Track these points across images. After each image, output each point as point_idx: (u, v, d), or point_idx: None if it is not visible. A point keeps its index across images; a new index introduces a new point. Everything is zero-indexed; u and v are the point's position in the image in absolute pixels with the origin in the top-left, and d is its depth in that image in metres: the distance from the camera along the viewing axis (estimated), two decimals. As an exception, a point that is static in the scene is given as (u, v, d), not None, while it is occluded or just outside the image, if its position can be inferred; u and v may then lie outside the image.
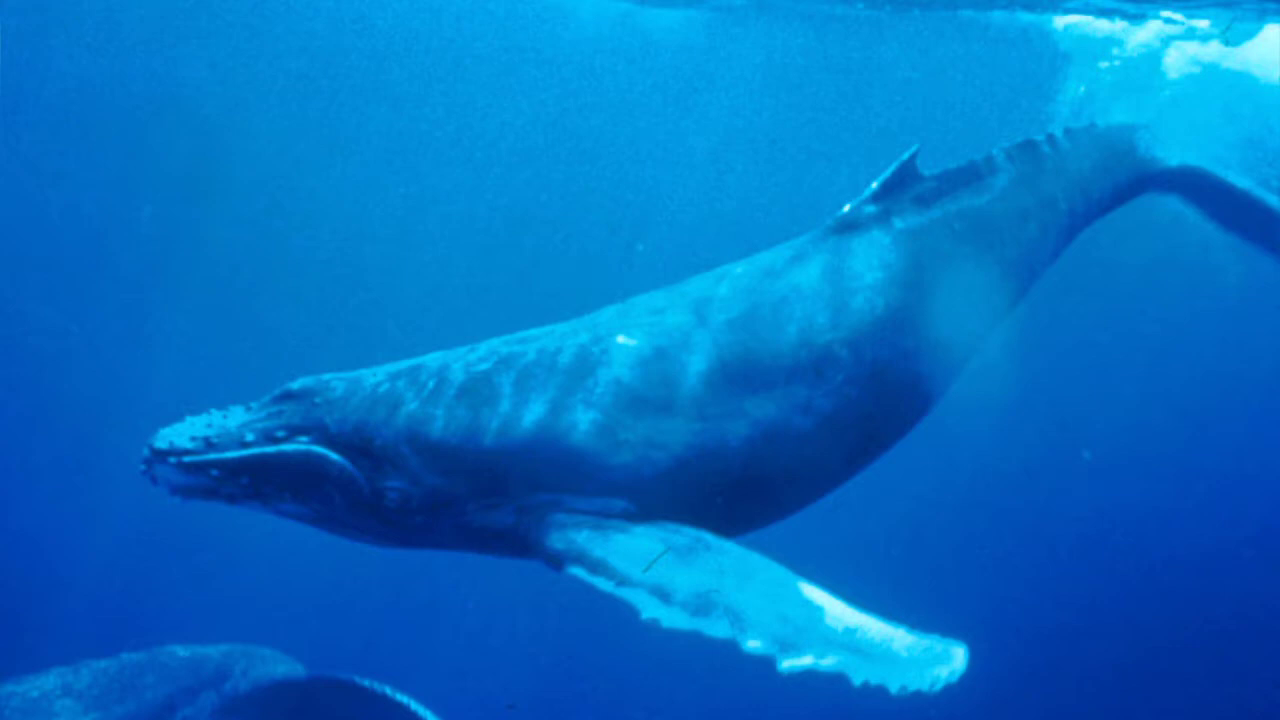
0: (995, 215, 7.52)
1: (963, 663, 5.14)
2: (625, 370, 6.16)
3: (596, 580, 5.53)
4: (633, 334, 6.35)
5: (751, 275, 6.77)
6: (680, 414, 6.10)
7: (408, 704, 8.14)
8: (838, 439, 6.49)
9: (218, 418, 6.13)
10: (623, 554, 5.60)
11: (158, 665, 8.24)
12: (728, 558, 5.63)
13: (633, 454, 5.98)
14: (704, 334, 6.36)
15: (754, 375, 6.29)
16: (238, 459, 5.91)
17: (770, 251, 7.04)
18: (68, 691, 7.90)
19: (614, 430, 5.99)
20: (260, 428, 6.02)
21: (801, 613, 5.30)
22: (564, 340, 6.35)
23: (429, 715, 8.15)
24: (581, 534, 5.76)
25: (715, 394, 6.18)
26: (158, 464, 5.96)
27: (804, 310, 6.55)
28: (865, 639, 5.19)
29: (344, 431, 5.99)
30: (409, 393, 6.09)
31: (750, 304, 6.55)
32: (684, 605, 5.31)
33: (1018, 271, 7.65)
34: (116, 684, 8.03)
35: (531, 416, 6.00)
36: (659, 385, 6.15)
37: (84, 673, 8.07)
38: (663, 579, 5.43)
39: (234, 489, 5.99)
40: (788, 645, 5.15)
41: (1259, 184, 9.66)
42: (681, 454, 6.03)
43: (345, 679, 8.33)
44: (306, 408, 6.08)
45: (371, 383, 6.20)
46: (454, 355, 6.36)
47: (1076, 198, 8.16)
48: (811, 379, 6.39)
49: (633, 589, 5.41)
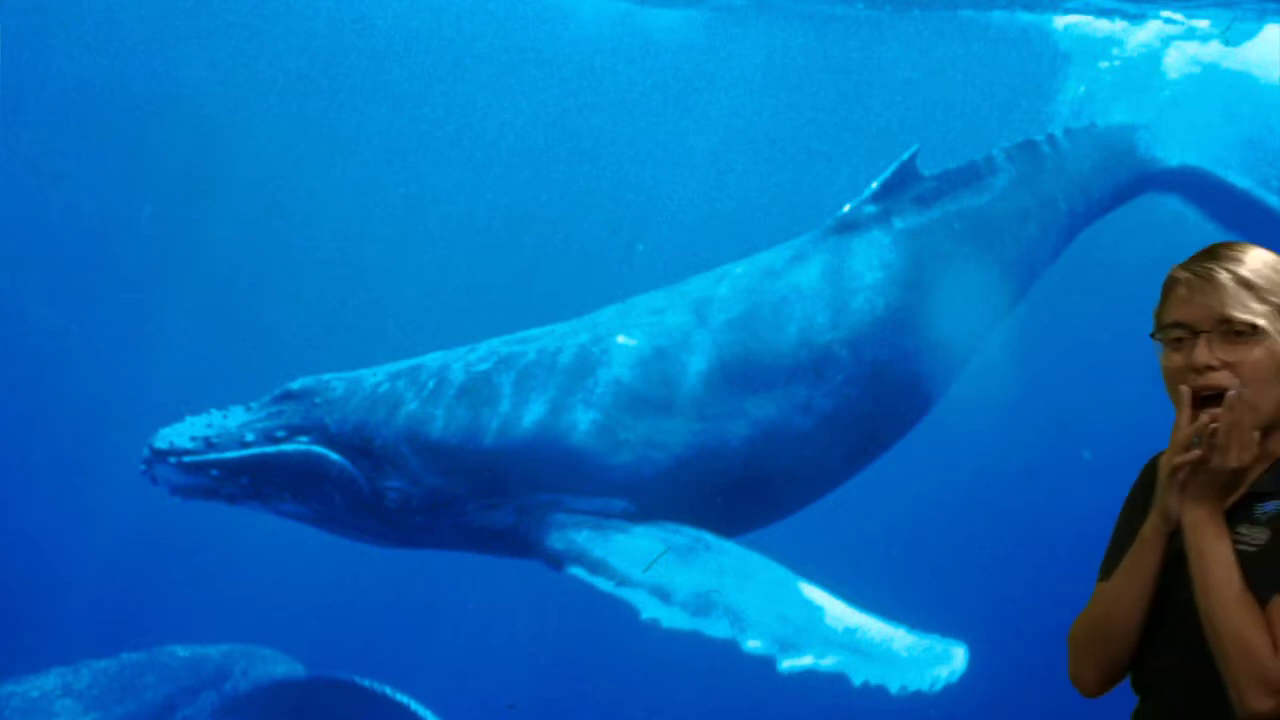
0: (995, 215, 7.53)
1: (963, 663, 5.15)
2: (625, 370, 6.16)
3: (596, 580, 5.53)
4: (633, 334, 6.36)
5: (751, 275, 6.77)
6: (680, 414, 6.10)
7: (408, 704, 8.14)
8: (838, 439, 6.49)
9: (218, 418, 6.13)
10: (623, 554, 5.60)
11: (158, 665, 8.23)
12: (728, 558, 5.63)
13: (633, 454, 5.98)
14: (704, 334, 6.36)
15: (754, 375, 6.30)
16: (238, 459, 5.91)
17: (770, 251, 7.04)
18: (68, 691, 7.90)
19: (614, 430, 6.00)
20: (260, 428, 6.02)
21: (801, 613, 5.31)
22: (564, 340, 6.35)
23: (429, 715, 8.14)
24: (581, 534, 5.76)
25: (715, 394, 6.18)
26: (158, 464, 5.96)
27: (804, 310, 6.55)
28: (865, 639, 5.19)
29: (344, 431, 5.99)
30: (409, 393, 6.09)
31: (750, 304, 6.55)
32: (684, 605, 5.32)
33: (1018, 271, 7.65)
34: (116, 684, 8.03)
35: (531, 416, 6.00)
36: (659, 385, 6.15)
37: (84, 673, 8.07)
38: (663, 579, 5.43)
39: (234, 489, 5.99)
40: (788, 645, 5.15)
41: (1259, 184, 9.66)
42: (681, 454, 6.03)
43: (345, 679, 8.32)
44: (306, 408, 6.08)
45: (371, 383, 6.20)
46: (454, 355, 6.36)
47: (1076, 198, 8.16)
48: (811, 379, 6.39)
49: (633, 589, 5.42)
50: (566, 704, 12.38)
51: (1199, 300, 2.40)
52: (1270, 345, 2.40)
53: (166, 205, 16.71)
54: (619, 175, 18.72)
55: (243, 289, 16.70)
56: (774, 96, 17.39)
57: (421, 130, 18.24)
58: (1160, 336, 2.46)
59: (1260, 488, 2.42)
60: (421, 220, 18.22)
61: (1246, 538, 2.38)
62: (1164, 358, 2.45)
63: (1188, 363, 2.40)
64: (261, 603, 12.15)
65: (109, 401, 14.16)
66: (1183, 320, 2.42)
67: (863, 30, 14.88)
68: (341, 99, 17.74)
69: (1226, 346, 2.38)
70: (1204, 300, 2.40)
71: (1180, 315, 2.42)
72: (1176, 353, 2.42)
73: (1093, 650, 2.49)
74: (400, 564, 9.13)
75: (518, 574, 7.00)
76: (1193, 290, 2.42)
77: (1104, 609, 2.47)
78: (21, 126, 16.18)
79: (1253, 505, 2.41)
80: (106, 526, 13.38)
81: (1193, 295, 2.41)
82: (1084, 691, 2.53)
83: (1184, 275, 2.45)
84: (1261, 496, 2.41)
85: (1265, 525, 2.38)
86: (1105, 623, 2.46)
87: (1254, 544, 2.37)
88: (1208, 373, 2.38)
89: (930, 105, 16.38)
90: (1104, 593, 2.48)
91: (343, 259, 17.48)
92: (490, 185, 18.51)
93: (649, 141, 18.46)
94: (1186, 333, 2.41)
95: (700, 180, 18.20)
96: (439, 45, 17.42)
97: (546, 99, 18.08)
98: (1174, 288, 2.46)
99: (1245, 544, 2.37)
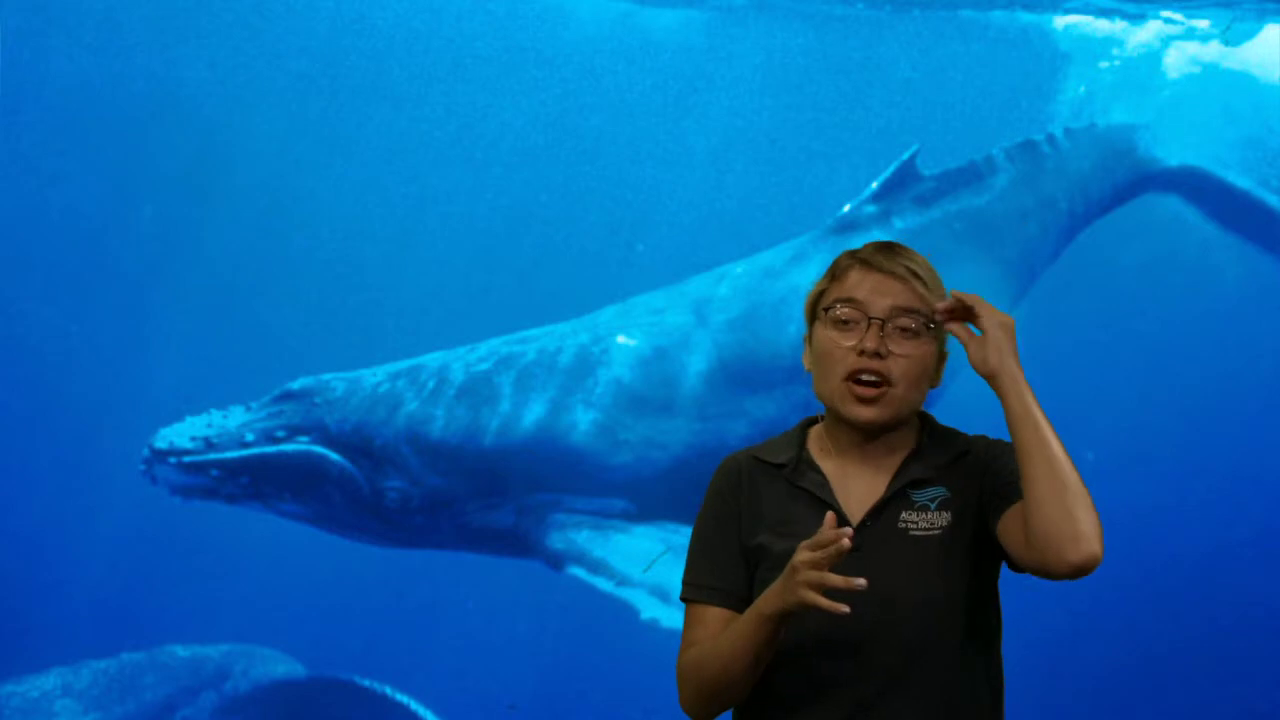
0: (995, 215, 7.53)
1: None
2: (625, 370, 6.17)
3: (596, 580, 5.54)
4: (633, 334, 6.36)
5: (751, 275, 6.77)
6: (680, 414, 6.11)
7: (408, 704, 8.14)
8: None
9: (218, 418, 6.14)
10: (623, 554, 5.61)
11: (158, 665, 8.24)
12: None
13: (633, 454, 5.99)
14: (704, 334, 6.37)
15: (754, 375, 6.30)
16: (238, 459, 5.92)
17: (770, 251, 7.05)
18: (68, 691, 7.90)
19: (614, 430, 6.00)
20: (260, 428, 6.02)
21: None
22: (564, 340, 6.36)
23: (429, 715, 8.14)
24: (581, 534, 5.76)
25: (715, 394, 6.19)
26: (158, 464, 5.97)
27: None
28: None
29: (344, 431, 6.00)
30: (409, 393, 6.10)
31: (750, 304, 6.55)
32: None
33: (1018, 271, 7.66)
34: (116, 684, 8.03)
35: (531, 416, 6.01)
36: (659, 385, 6.16)
37: (84, 673, 8.07)
38: (663, 579, 5.44)
39: (234, 489, 6.00)
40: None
41: (1259, 184, 9.65)
42: (681, 454, 6.04)
43: (345, 679, 8.32)
44: (306, 408, 6.09)
45: (371, 383, 6.20)
46: (454, 355, 6.37)
47: (1076, 198, 8.17)
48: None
49: (633, 589, 5.42)
50: (566, 704, 12.37)
51: (879, 287, 2.40)
52: (931, 347, 2.42)
53: (166, 205, 16.70)
54: (619, 175, 18.71)
55: (243, 289, 16.69)
56: (774, 96, 17.38)
57: (421, 130, 18.22)
58: (829, 314, 2.42)
59: (911, 476, 2.41)
60: (421, 220, 18.21)
61: (918, 524, 2.38)
62: (822, 333, 2.42)
63: (855, 345, 2.38)
64: (261, 603, 12.14)
65: (109, 401, 14.15)
66: (859, 300, 2.40)
67: (863, 30, 14.88)
68: (341, 99, 17.73)
69: (896, 339, 2.39)
70: (884, 288, 2.40)
71: (857, 294, 2.41)
72: (839, 332, 2.41)
73: (706, 695, 2.38)
74: (400, 564, 9.12)
75: (518, 574, 7.00)
76: (870, 275, 2.42)
77: (719, 665, 2.34)
78: (21, 126, 16.17)
79: (908, 493, 2.40)
80: (106, 526, 13.37)
81: (871, 281, 2.41)
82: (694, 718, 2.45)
83: (861, 259, 2.45)
84: (917, 484, 2.41)
85: (937, 510, 2.40)
86: (721, 675, 2.34)
87: (933, 528, 2.38)
88: (875, 359, 2.37)
89: (930, 105, 16.37)
90: (716, 648, 2.35)
91: (343, 259, 17.47)
92: (490, 185, 18.50)
93: (649, 141, 18.44)
94: (858, 314, 2.40)
95: (700, 180, 18.19)
96: (439, 45, 17.42)
97: (546, 99, 18.07)
98: (849, 270, 2.45)
99: (919, 529, 2.38)
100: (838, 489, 2.43)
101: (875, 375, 2.38)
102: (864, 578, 2.17)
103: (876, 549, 2.37)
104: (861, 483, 2.44)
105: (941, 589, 2.36)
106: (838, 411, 2.42)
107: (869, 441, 2.44)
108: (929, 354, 2.43)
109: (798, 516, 2.41)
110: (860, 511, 2.41)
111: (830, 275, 2.48)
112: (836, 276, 2.46)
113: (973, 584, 2.40)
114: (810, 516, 2.39)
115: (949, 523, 2.39)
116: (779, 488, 2.46)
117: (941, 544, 2.38)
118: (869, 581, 2.17)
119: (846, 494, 2.43)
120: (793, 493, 2.44)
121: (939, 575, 2.37)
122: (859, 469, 2.44)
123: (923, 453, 2.46)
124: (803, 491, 2.44)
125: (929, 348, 2.43)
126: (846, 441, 2.45)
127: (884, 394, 2.38)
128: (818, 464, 2.46)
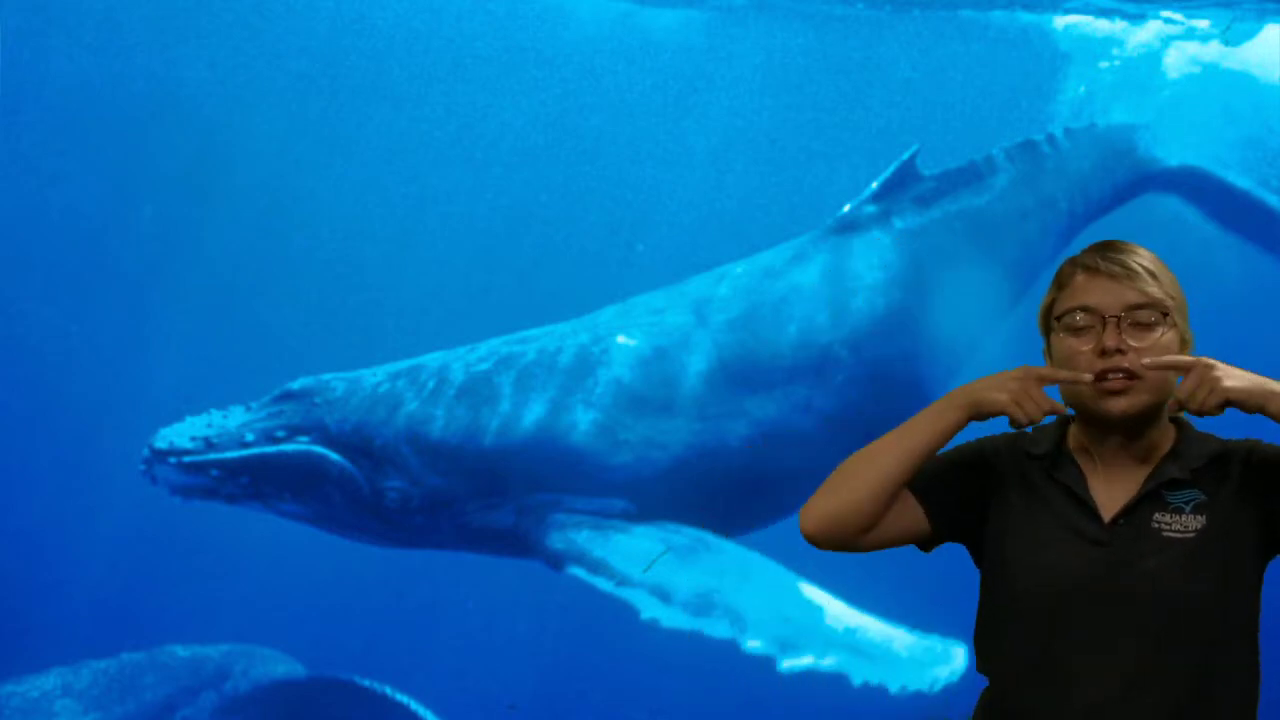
0: (995, 215, 7.53)
1: (963, 663, 5.15)
2: (625, 370, 6.17)
3: (596, 580, 5.54)
4: (633, 334, 6.36)
5: (751, 275, 6.77)
6: (680, 414, 6.11)
7: (408, 704, 8.14)
8: (838, 438, 6.49)
9: (218, 418, 6.14)
10: (623, 554, 5.61)
11: (158, 665, 8.24)
12: (728, 558, 5.64)
13: (633, 454, 5.99)
14: (704, 334, 6.37)
15: (754, 375, 6.30)
16: (238, 459, 5.92)
17: (770, 251, 7.05)
18: (68, 691, 7.90)
19: (614, 430, 6.00)
20: (260, 428, 6.03)
21: (801, 613, 5.31)
22: (564, 340, 6.36)
23: (429, 715, 8.14)
24: (581, 534, 5.76)
25: (715, 394, 6.19)
26: (158, 464, 5.97)
27: (804, 310, 6.56)
28: (865, 639, 5.20)
29: (344, 431, 6.00)
30: (409, 393, 6.10)
31: (750, 304, 6.56)
32: (684, 605, 5.32)
33: (1018, 271, 7.66)
34: (116, 684, 8.03)
35: (531, 416, 6.01)
36: (659, 385, 6.16)
37: (84, 673, 8.07)
38: (663, 579, 5.44)
39: (234, 489, 6.00)
40: (788, 645, 5.16)
41: (1259, 184, 9.65)
42: (681, 454, 6.04)
43: (345, 679, 8.33)
44: (306, 408, 6.09)
45: (371, 383, 6.21)
46: (454, 355, 6.37)
47: (1076, 198, 8.17)
48: (812, 379, 6.40)
49: (633, 589, 5.42)
50: (566, 704, 12.37)
51: (1106, 288, 2.44)
52: (1172, 334, 2.45)
53: (166, 205, 16.70)
54: (619, 175, 18.71)
55: (243, 289, 16.69)
56: (774, 96, 17.37)
57: (421, 130, 18.22)
58: (1063, 322, 2.47)
59: (1166, 476, 2.45)
60: (421, 220, 18.21)
61: (1172, 525, 2.41)
62: (1060, 342, 2.47)
63: (1094, 348, 2.42)
64: (261, 603, 12.14)
65: (109, 401, 14.15)
66: (1090, 305, 2.44)
67: (863, 30, 14.88)
68: (341, 99, 17.73)
69: (1134, 332, 2.42)
70: (1111, 288, 2.43)
71: (1086, 300, 2.44)
72: (1077, 338, 2.45)
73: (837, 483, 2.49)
74: (400, 564, 9.13)
75: (518, 574, 7.00)
76: (1097, 278, 2.45)
77: (875, 448, 2.48)
78: (21, 126, 16.17)
79: (1162, 494, 2.44)
80: (106, 526, 13.37)
81: (1097, 284, 2.45)
82: (803, 527, 2.55)
83: (1084, 265, 2.49)
84: (1171, 486, 2.44)
85: (1192, 513, 2.42)
86: (867, 460, 2.47)
87: (1187, 530, 2.40)
88: (1116, 356, 2.40)
89: (930, 105, 16.37)
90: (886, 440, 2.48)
91: (343, 259, 17.47)
92: (490, 185, 18.49)
93: (649, 141, 18.44)
94: (1092, 318, 2.43)
95: (700, 180, 18.18)
96: (439, 45, 17.41)
97: (546, 99, 18.06)
98: (1073, 276, 2.49)
99: (1173, 531, 2.41)
100: (1093, 485, 2.47)
101: (1120, 372, 2.40)
102: (1114, 575, 2.31)
103: (1128, 546, 2.40)
104: (1116, 481, 2.47)
105: (1194, 588, 2.38)
106: (1090, 411, 2.45)
107: (1127, 442, 2.46)
108: (1171, 341, 2.44)
109: (1049, 506, 2.47)
110: (1113, 509, 2.44)
111: (1056, 285, 2.53)
112: (1062, 285, 2.51)
113: (1227, 585, 2.41)
114: (1063, 508, 2.45)
115: (1203, 526, 2.41)
116: (1035, 478, 2.51)
117: (1194, 546, 2.39)
118: (1119, 578, 2.31)
119: (1101, 491, 2.46)
120: (1047, 483, 2.49)
121: (1190, 576, 2.38)
122: (1115, 468, 2.47)
123: (1179, 454, 2.48)
124: (1057, 484, 2.48)
125: (1169, 335, 2.44)
126: (1103, 441, 2.48)
127: (1132, 385, 2.40)
128: (1076, 459, 2.50)
